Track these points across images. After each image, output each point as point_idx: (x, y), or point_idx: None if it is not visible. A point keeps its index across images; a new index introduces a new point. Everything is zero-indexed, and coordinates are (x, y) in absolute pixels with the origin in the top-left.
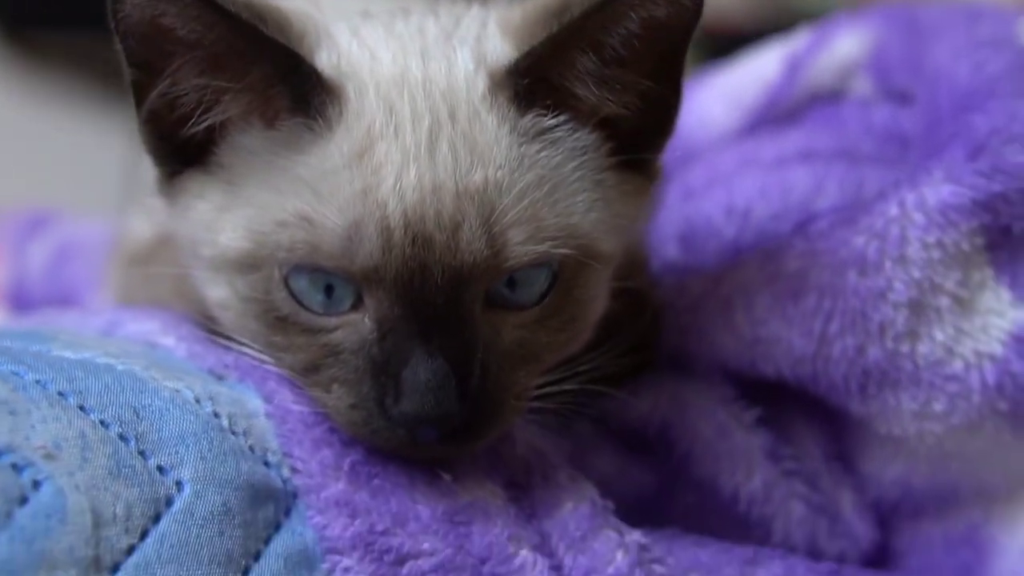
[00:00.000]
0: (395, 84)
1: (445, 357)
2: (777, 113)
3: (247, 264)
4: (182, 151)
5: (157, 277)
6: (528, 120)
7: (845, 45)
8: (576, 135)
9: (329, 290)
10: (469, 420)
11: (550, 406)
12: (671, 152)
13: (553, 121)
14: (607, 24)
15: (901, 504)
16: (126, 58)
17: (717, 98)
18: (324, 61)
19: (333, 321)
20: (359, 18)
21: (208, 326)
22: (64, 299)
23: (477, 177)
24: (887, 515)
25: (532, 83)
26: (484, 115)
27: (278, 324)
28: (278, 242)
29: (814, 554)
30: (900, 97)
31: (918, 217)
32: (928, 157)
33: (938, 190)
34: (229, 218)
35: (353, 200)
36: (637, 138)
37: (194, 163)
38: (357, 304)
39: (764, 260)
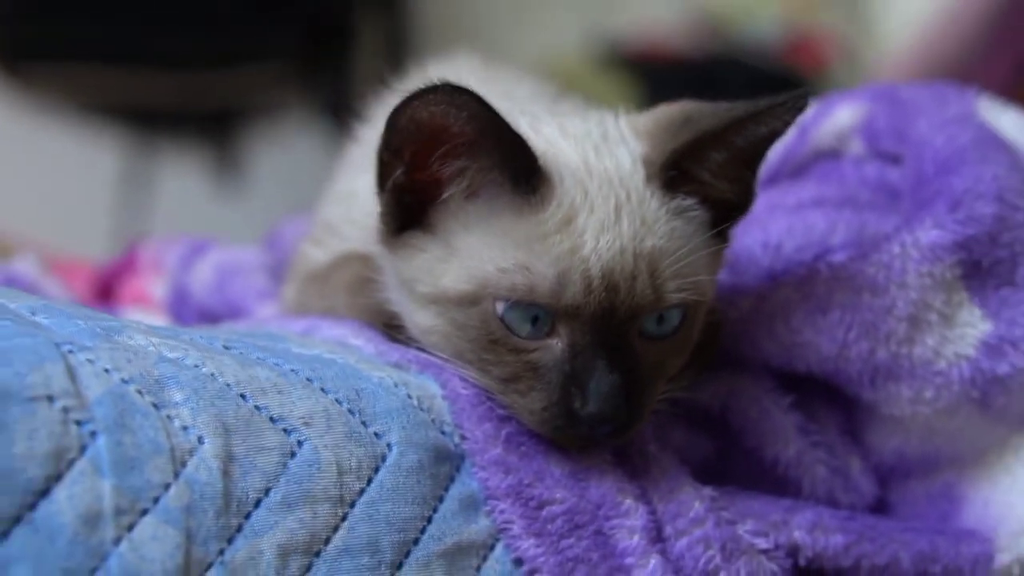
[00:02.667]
0: (584, 172)
1: (619, 373)
2: (791, 166)
3: (467, 301)
4: (405, 215)
5: (334, 292)
6: (674, 202)
7: (843, 114)
8: (699, 211)
9: (534, 320)
10: (630, 420)
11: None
12: None
13: (688, 202)
14: (741, 131)
15: (896, 468)
16: (386, 145)
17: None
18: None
19: (534, 344)
20: (526, 116)
21: (383, 330)
22: (230, 309)
23: (648, 243)
24: (885, 476)
25: (676, 174)
26: (648, 198)
27: (490, 345)
28: (499, 284)
29: (832, 505)
30: (886, 156)
31: (914, 253)
32: (919, 208)
33: (928, 233)
34: (450, 266)
35: (562, 256)
36: (727, 212)
37: (414, 224)
38: (551, 332)
39: (799, 284)
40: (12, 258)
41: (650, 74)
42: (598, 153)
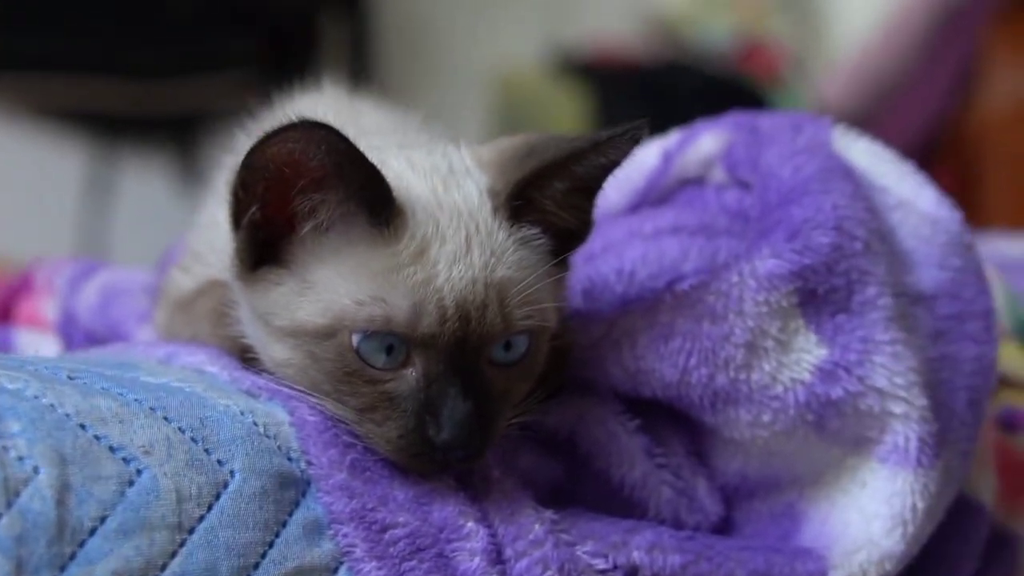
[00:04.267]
0: (434, 205)
1: (471, 400)
2: (656, 193)
3: (323, 334)
4: (260, 250)
5: (197, 319)
6: (520, 231)
7: (706, 142)
8: (542, 240)
9: (388, 350)
10: (481, 446)
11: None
12: None
13: (533, 231)
14: (582, 162)
15: (740, 488)
16: (241, 183)
17: (611, 181)
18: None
19: (389, 374)
20: (375, 151)
21: (240, 357)
22: (111, 332)
23: (498, 273)
24: (731, 496)
25: (520, 204)
26: (496, 229)
27: (345, 377)
28: (356, 316)
29: (677, 525)
30: (744, 185)
31: (751, 282)
32: (759, 237)
33: (765, 263)
34: (306, 300)
35: (417, 286)
36: (568, 240)
37: (268, 259)
38: (405, 361)
39: (644, 311)
40: None
41: (604, 81)
42: (446, 186)
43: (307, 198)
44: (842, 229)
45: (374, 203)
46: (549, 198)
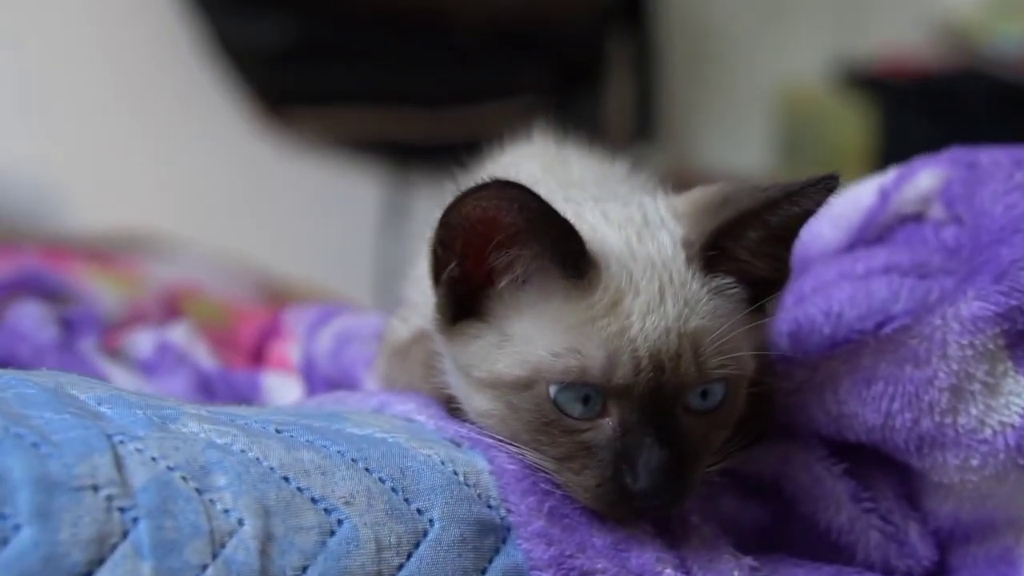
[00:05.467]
0: (627, 256)
1: (667, 449)
2: (874, 231)
3: (521, 385)
4: (460, 304)
5: (412, 367)
6: (714, 281)
7: (924, 178)
8: (737, 289)
9: (585, 401)
10: (679, 494)
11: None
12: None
13: (727, 280)
14: (776, 211)
15: (954, 532)
16: (439, 241)
17: (826, 218)
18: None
19: (586, 424)
20: (571, 204)
21: (447, 407)
22: (344, 377)
23: (691, 323)
24: (945, 540)
25: (715, 254)
26: (690, 279)
27: (543, 427)
28: (552, 367)
29: (887, 570)
30: (962, 222)
31: (955, 325)
32: (966, 278)
33: (970, 305)
34: (504, 352)
35: (611, 337)
36: (762, 288)
37: (468, 313)
38: (603, 411)
39: (847, 355)
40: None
41: (891, 94)
42: (640, 237)
43: (503, 254)
44: None
45: (568, 257)
46: (743, 247)
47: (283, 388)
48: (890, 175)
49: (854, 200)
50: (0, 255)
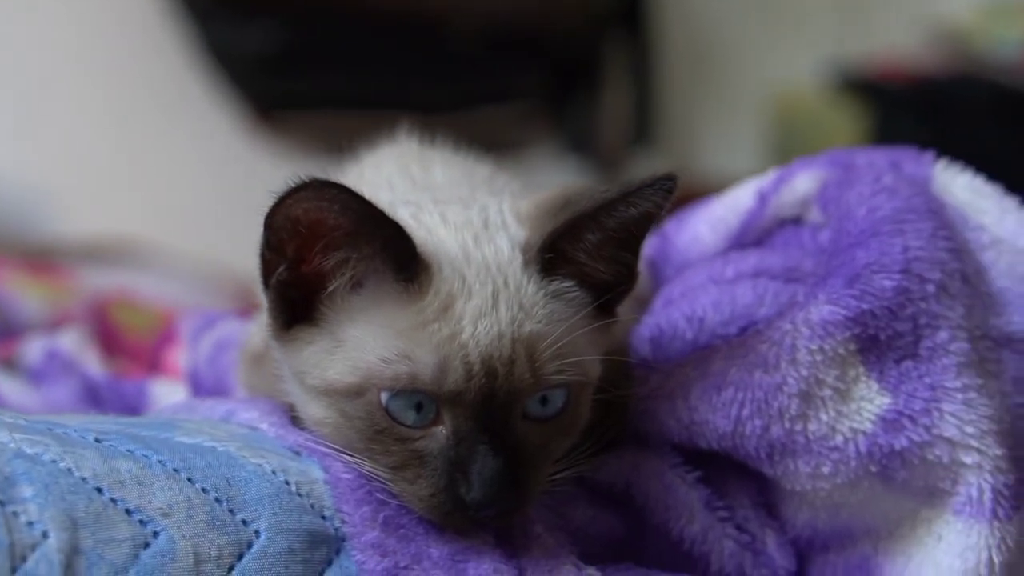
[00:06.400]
0: (462, 260)
1: (502, 457)
2: (753, 234)
3: (352, 392)
4: (292, 309)
5: (267, 374)
6: (551, 285)
7: (802, 182)
8: (576, 293)
9: (418, 408)
10: (516, 503)
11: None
12: (670, 263)
13: (565, 284)
14: (612, 213)
15: (813, 541)
16: (266, 243)
17: (705, 221)
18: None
19: (419, 432)
20: (410, 207)
21: (292, 414)
22: (219, 384)
23: (526, 328)
24: (804, 549)
25: (552, 257)
26: (525, 283)
27: (376, 436)
28: (383, 374)
29: None
30: None
31: (804, 330)
32: (819, 282)
33: (820, 309)
34: (336, 359)
35: (442, 343)
36: (607, 292)
37: (301, 319)
38: (436, 419)
39: (699, 361)
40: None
41: (886, 98)
42: (477, 241)
43: (330, 256)
44: (910, 272)
45: (399, 260)
46: (581, 250)
47: (171, 396)
48: (769, 177)
49: (732, 203)
50: None
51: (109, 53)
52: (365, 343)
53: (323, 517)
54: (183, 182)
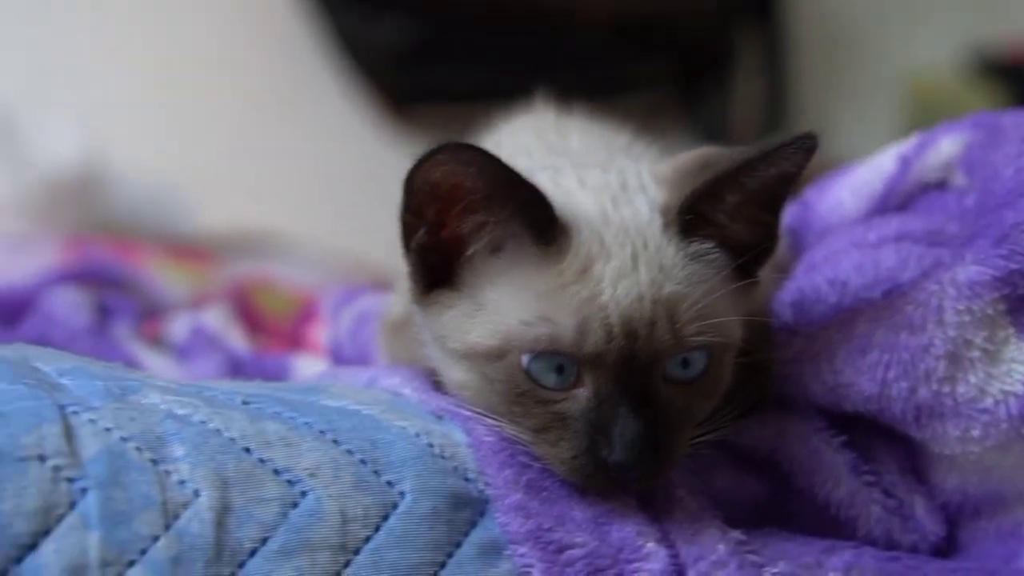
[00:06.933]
0: (600, 222)
1: (644, 419)
2: (896, 200)
3: (493, 355)
4: (433, 273)
5: (406, 341)
6: (691, 247)
7: (945, 145)
8: (716, 254)
9: (559, 370)
10: (657, 465)
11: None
12: (811, 230)
13: (705, 245)
14: (752, 173)
15: (963, 506)
16: (405, 207)
17: (847, 187)
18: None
19: (560, 395)
20: (548, 171)
21: (433, 379)
22: (361, 355)
23: (666, 290)
24: (954, 515)
25: (692, 218)
26: (665, 245)
27: (517, 398)
28: (523, 336)
29: (891, 546)
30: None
31: (951, 290)
32: (967, 243)
33: (967, 270)
34: (476, 322)
35: (581, 304)
36: (748, 253)
37: (442, 282)
38: (577, 381)
39: (843, 324)
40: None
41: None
42: (616, 203)
43: (468, 220)
44: None
45: (538, 223)
46: (721, 211)
47: (313, 370)
48: (911, 142)
49: (875, 168)
50: (68, 246)
51: (246, 48)
52: (505, 306)
53: (466, 479)
54: (319, 175)
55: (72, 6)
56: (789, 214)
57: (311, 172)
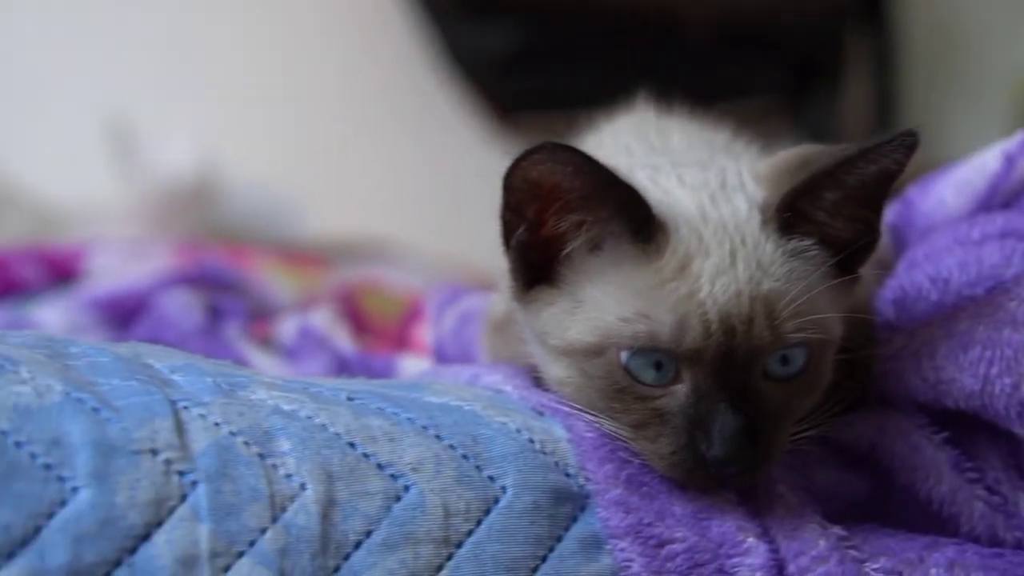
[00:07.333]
0: (698, 220)
1: (742, 414)
2: (1001, 198)
3: (592, 352)
4: (533, 270)
5: (508, 340)
6: (790, 244)
7: None
8: (816, 251)
9: (658, 366)
10: (756, 461)
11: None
12: (913, 228)
13: (804, 242)
14: (852, 170)
15: None
16: (505, 205)
17: (949, 185)
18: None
19: (659, 391)
20: (646, 169)
21: (533, 375)
22: (464, 355)
23: (764, 286)
24: None
25: (791, 216)
26: (763, 242)
27: (616, 395)
28: (622, 333)
29: (995, 543)
30: None
31: None
32: None
33: None
34: (576, 319)
35: (679, 301)
36: (848, 250)
37: (542, 280)
38: (675, 378)
39: (944, 320)
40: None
41: None
42: (714, 200)
43: (566, 218)
44: None
45: (636, 221)
46: (821, 209)
47: (417, 370)
48: (1016, 140)
49: (979, 166)
50: (182, 252)
51: (354, 57)
52: (604, 303)
53: (567, 475)
54: (427, 182)
55: (188, 19)
56: (892, 211)
57: (419, 179)
